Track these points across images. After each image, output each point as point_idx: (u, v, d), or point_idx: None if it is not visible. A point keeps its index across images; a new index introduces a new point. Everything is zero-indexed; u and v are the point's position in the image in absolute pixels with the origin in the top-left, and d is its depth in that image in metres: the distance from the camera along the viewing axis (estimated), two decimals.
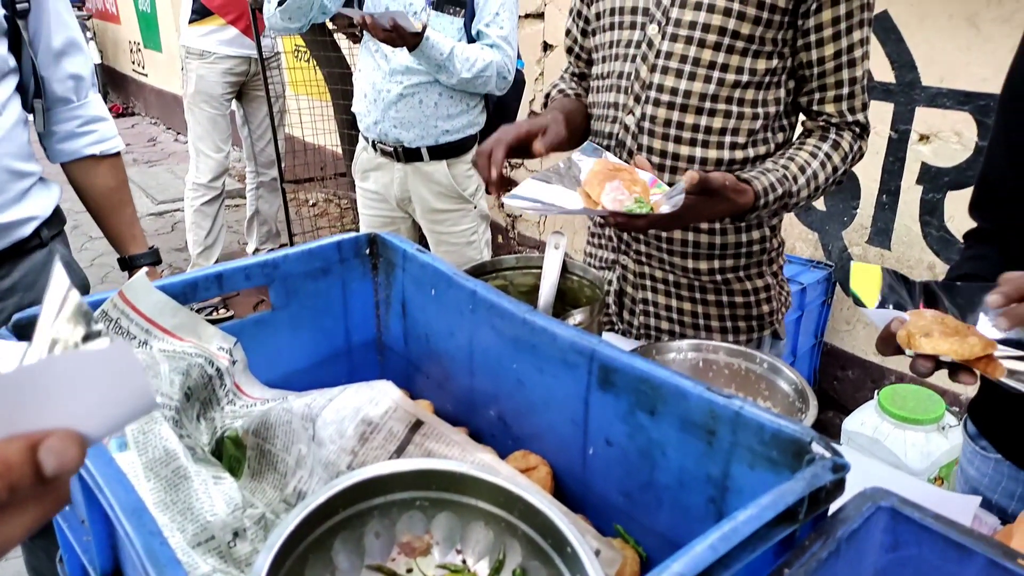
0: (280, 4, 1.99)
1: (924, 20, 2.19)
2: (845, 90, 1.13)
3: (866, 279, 0.81)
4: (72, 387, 0.35)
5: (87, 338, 0.37)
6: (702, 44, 1.11)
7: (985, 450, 1.03)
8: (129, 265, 1.48)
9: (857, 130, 1.16)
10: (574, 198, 1.03)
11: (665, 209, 0.96)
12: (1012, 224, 0.94)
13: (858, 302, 0.80)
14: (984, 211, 0.99)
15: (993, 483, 1.01)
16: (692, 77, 1.13)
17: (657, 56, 1.14)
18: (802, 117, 1.22)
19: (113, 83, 8.66)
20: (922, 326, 0.74)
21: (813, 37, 1.10)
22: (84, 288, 1.43)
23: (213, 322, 0.82)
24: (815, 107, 1.16)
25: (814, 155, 1.12)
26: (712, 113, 1.14)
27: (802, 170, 1.10)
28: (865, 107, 1.15)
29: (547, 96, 1.39)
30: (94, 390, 0.35)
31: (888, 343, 0.75)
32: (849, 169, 1.17)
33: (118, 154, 1.47)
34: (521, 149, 1.08)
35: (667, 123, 1.16)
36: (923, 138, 2.28)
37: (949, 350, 0.72)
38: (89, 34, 8.12)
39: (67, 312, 0.37)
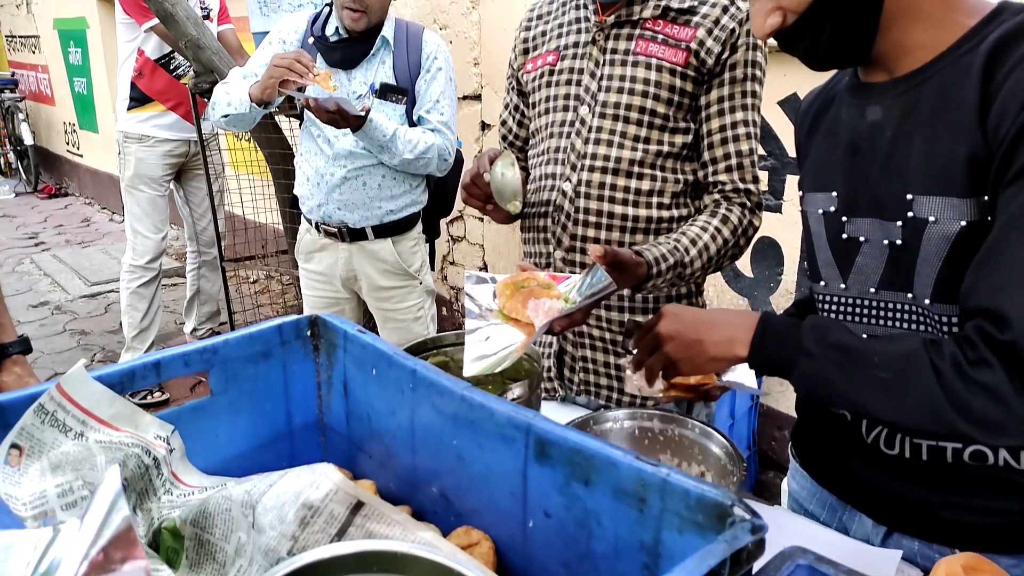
0: (224, 116, 2.05)
1: None
2: (733, 161, 1.27)
3: None
4: None
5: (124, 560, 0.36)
6: (627, 120, 1.27)
7: (802, 466, 1.12)
8: None
9: (749, 204, 1.28)
10: (510, 332, 0.99)
11: (594, 291, 1.00)
12: None
13: None
14: None
15: (809, 495, 1.11)
16: (621, 146, 1.28)
17: (589, 131, 1.30)
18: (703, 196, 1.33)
19: (46, 164, 8.51)
20: None
21: (703, 113, 1.27)
22: None
23: (148, 406, 0.82)
24: (711, 178, 1.29)
25: (704, 229, 1.24)
26: (640, 177, 1.28)
27: (693, 243, 1.22)
28: (756, 180, 1.29)
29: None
30: None
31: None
32: (744, 243, 1.28)
33: None
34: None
35: (601, 186, 1.29)
36: None
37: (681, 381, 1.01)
38: (22, 115, 8.02)
39: (111, 531, 0.36)
